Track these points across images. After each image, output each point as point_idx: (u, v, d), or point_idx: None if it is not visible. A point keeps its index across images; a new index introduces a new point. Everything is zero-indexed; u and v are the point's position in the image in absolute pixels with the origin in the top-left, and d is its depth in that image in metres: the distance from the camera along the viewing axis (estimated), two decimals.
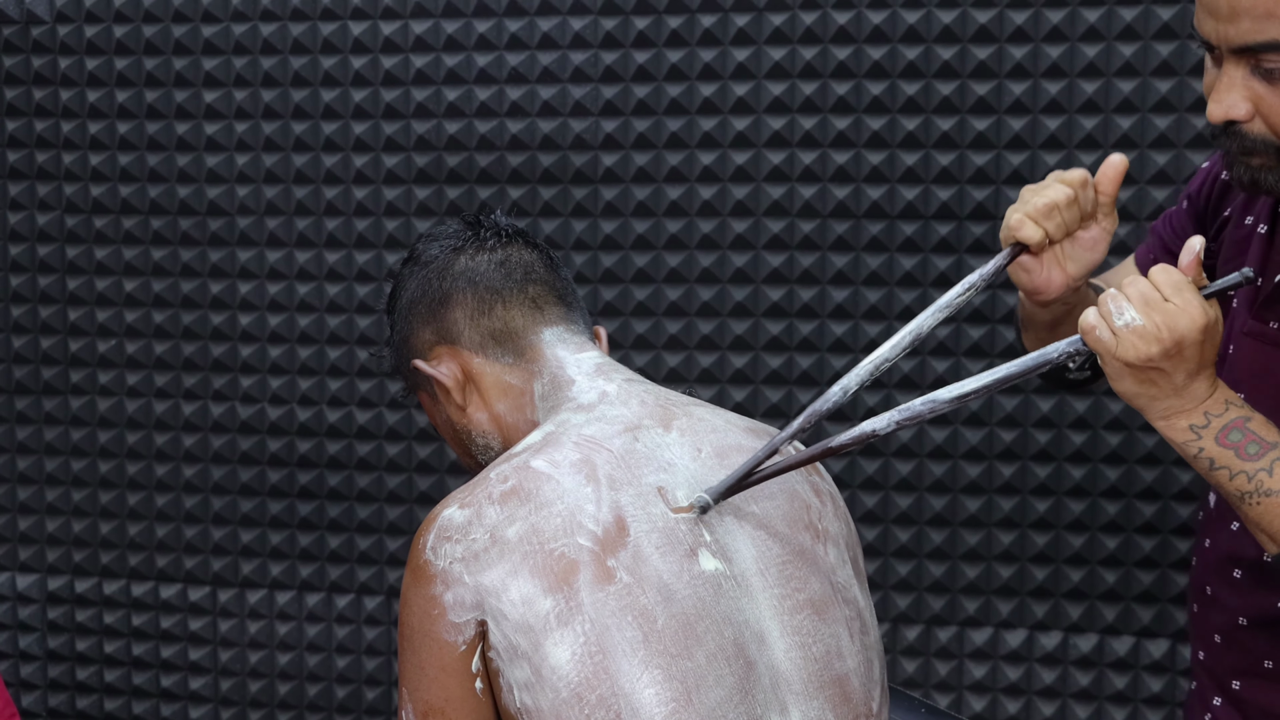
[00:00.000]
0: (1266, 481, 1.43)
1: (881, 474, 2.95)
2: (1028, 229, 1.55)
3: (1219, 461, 1.44)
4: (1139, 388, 1.43)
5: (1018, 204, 1.59)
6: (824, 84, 2.87)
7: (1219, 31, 1.47)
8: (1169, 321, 1.38)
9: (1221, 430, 1.44)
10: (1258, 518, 1.45)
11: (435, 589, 1.42)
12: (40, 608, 3.30)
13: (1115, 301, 1.40)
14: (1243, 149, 1.52)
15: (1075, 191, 1.56)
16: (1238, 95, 1.49)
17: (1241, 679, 1.74)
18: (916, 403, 1.46)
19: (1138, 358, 1.39)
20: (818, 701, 1.46)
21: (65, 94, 3.13)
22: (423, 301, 1.65)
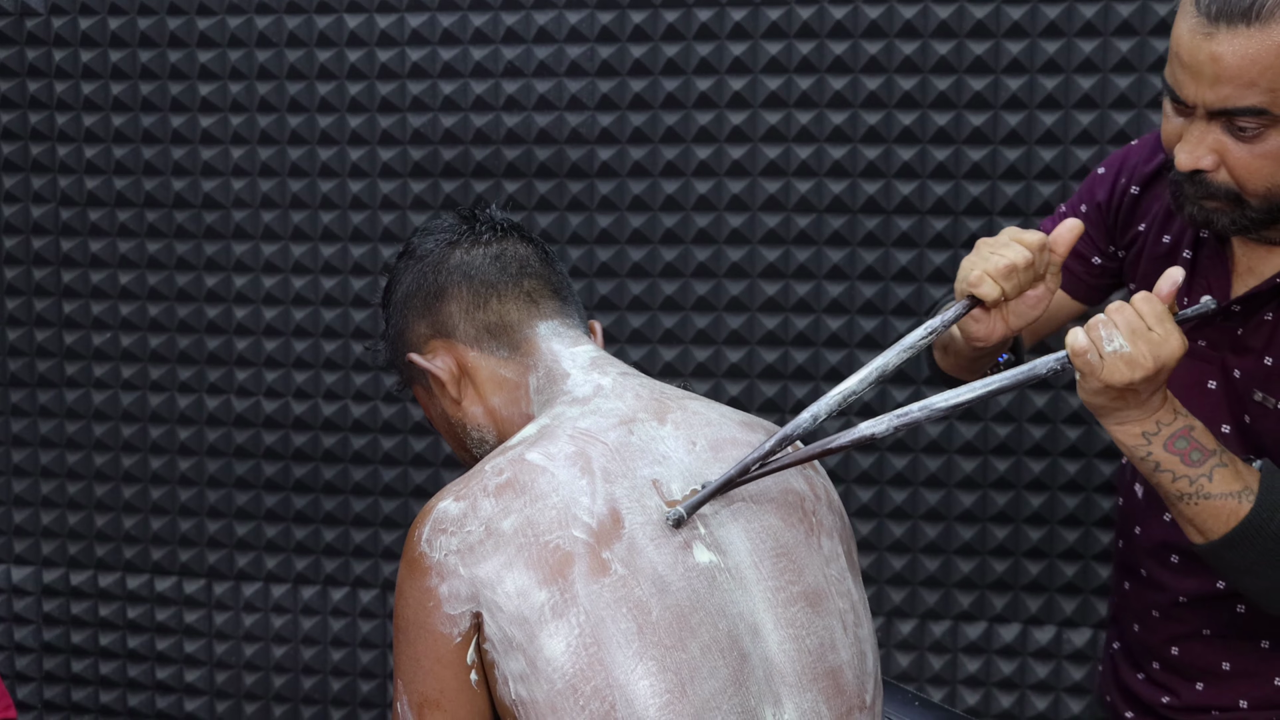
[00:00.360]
0: (1206, 486, 1.56)
1: (876, 468, 2.95)
2: (987, 286, 1.61)
3: (1164, 465, 1.57)
4: (1108, 402, 1.54)
5: (974, 257, 1.65)
6: (820, 78, 2.87)
7: (1199, 93, 1.56)
8: (1154, 350, 1.49)
9: (1170, 438, 1.56)
10: (1192, 516, 1.58)
11: (430, 581, 1.42)
12: (36, 600, 3.30)
13: (1105, 328, 1.50)
14: (1204, 194, 1.61)
15: (1033, 255, 1.62)
16: (1206, 148, 1.58)
17: (1180, 645, 1.87)
18: (914, 408, 1.51)
19: (1121, 381, 1.50)
20: (811, 693, 1.46)
21: (60, 86, 3.13)
22: (418, 295, 1.65)
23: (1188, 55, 1.56)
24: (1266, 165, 1.58)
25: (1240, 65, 1.53)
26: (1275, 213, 1.62)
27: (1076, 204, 1.95)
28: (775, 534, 1.50)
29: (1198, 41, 1.55)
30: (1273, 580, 1.60)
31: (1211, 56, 1.54)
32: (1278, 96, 1.53)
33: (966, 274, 1.63)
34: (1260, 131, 1.56)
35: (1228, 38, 1.53)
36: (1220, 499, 1.57)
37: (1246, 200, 1.61)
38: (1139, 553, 1.91)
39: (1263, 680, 1.82)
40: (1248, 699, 1.83)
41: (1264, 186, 1.60)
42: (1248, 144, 1.57)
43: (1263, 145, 1.57)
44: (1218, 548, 1.59)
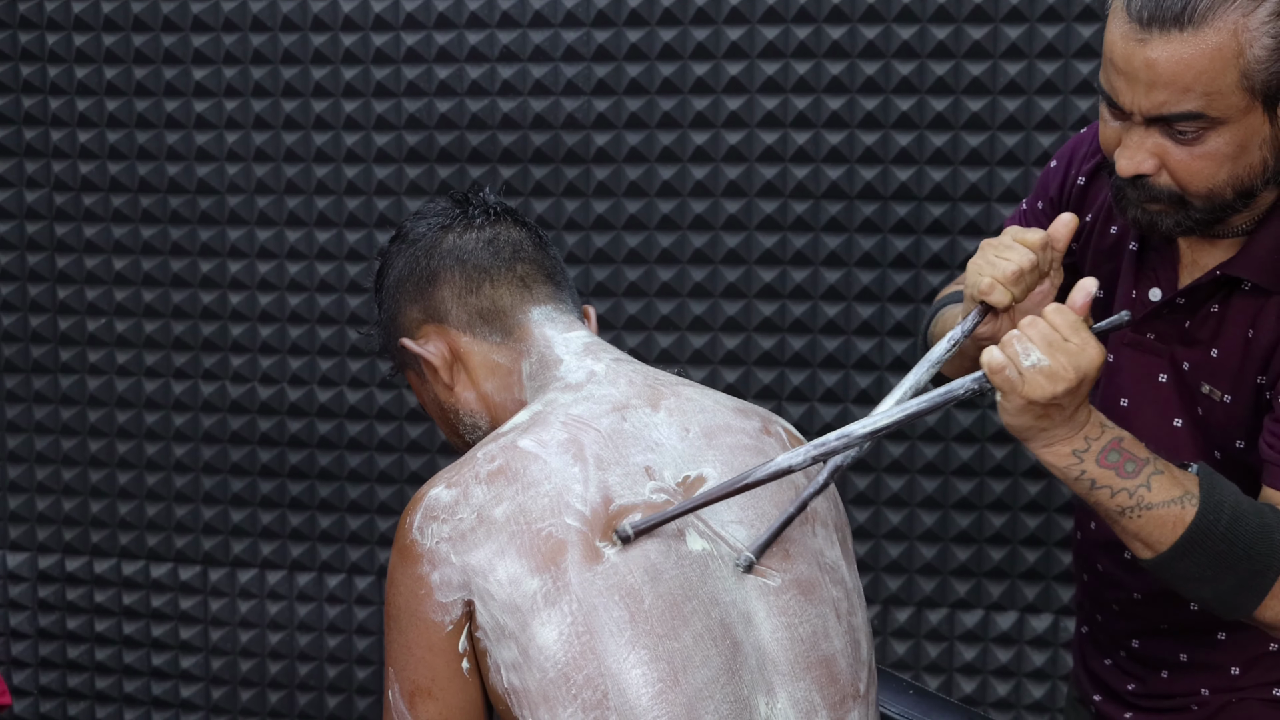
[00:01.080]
0: (1146, 496, 1.54)
1: (873, 456, 2.95)
2: (998, 294, 1.61)
3: (1100, 481, 1.55)
4: (1033, 421, 1.52)
5: (980, 261, 1.65)
6: (818, 63, 2.86)
7: (1135, 99, 1.55)
8: (1073, 361, 1.47)
9: (1101, 452, 1.54)
10: (1137, 530, 1.56)
11: (422, 569, 1.42)
12: (31, 586, 3.30)
13: (1020, 343, 1.49)
14: (1147, 198, 1.61)
15: (1037, 256, 1.63)
16: (1146, 153, 1.58)
17: (1139, 638, 1.88)
18: (831, 438, 1.49)
19: (1043, 396, 1.48)
20: (804, 682, 1.46)
21: (53, 70, 3.12)
22: (410, 280, 1.65)
23: (1122, 61, 1.55)
24: (1207, 166, 1.57)
25: (1175, 70, 1.52)
26: (1218, 212, 1.62)
27: (1034, 200, 1.96)
28: (769, 522, 1.49)
29: (1131, 48, 1.54)
30: (1226, 584, 1.57)
31: (1146, 62, 1.53)
32: (1213, 100, 1.53)
33: (976, 281, 1.63)
34: (1199, 134, 1.56)
35: (1161, 43, 1.52)
36: (1163, 507, 1.55)
37: (1189, 201, 1.60)
38: (1094, 548, 1.92)
39: (1221, 671, 1.83)
40: (1208, 687, 1.84)
41: (1206, 187, 1.59)
42: (1187, 146, 1.57)
43: (1202, 147, 1.56)
44: (1168, 559, 1.57)
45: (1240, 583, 1.57)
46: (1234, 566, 1.56)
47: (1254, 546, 1.55)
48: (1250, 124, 1.56)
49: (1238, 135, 1.56)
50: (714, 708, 1.39)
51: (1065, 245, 1.65)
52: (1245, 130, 1.56)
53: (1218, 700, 1.84)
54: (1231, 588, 1.57)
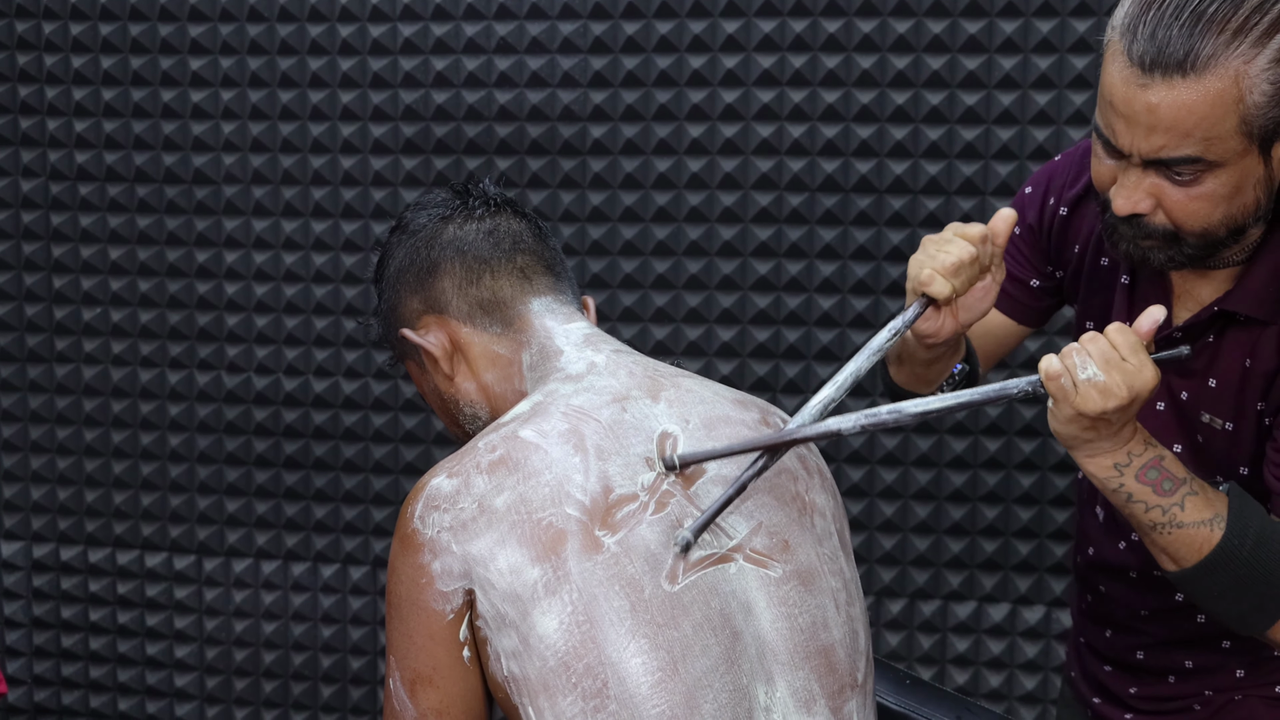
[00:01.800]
0: (1179, 515, 1.58)
1: (867, 448, 2.95)
2: (938, 285, 1.63)
3: (1137, 496, 1.58)
4: (1080, 432, 1.55)
5: (921, 256, 1.67)
6: (814, 57, 2.87)
7: (1134, 142, 1.56)
8: (1128, 380, 1.50)
9: (1141, 469, 1.57)
10: (1165, 545, 1.60)
11: (423, 558, 1.42)
12: (25, 575, 3.30)
13: (1079, 355, 1.51)
14: (1141, 235, 1.63)
15: (977, 249, 1.65)
16: (1143, 193, 1.60)
17: (1144, 650, 1.93)
18: (883, 410, 1.52)
19: (1095, 410, 1.50)
20: (803, 671, 1.46)
21: (49, 60, 3.12)
22: (410, 270, 1.65)
23: (1122, 104, 1.56)
24: (1203, 207, 1.59)
25: (1176, 116, 1.53)
26: (1210, 249, 1.64)
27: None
28: (768, 513, 1.50)
29: (1133, 91, 1.54)
30: (1244, 605, 1.61)
31: (1147, 107, 1.54)
32: (1211, 144, 1.54)
33: (916, 274, 1.65)
34: (1197, 176, 1.57)
35: (1164, 88, 1.53)
36: (1193, 527, 1.58)
37: (1183, 239, 1.62)
38: (1099, 571, 1.95)
39: (1225, 673, 1.86)
40: (1212, 689, 1.88)
41: (1201, 226, 1.61)
42: (1184, 188, 1.58)
43: (1199, 188, 1.58)
44: (1191, 575, 1.61)
45: (1257, 604, 1.61)
46: (1253, 588, 1.60)
47: (1275, 572, 1.59)
48: (1246, 166, 1.57)
49: (1234, 177, 1.57)
50: (713, 696, 1.40)
51: (1005, 240, 1.67)
52: (1241, 172, 1.57)
53: (1220, 700, 1.87)
54: (1248, 608, 1.62)
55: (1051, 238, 1.91)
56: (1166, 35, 1.51)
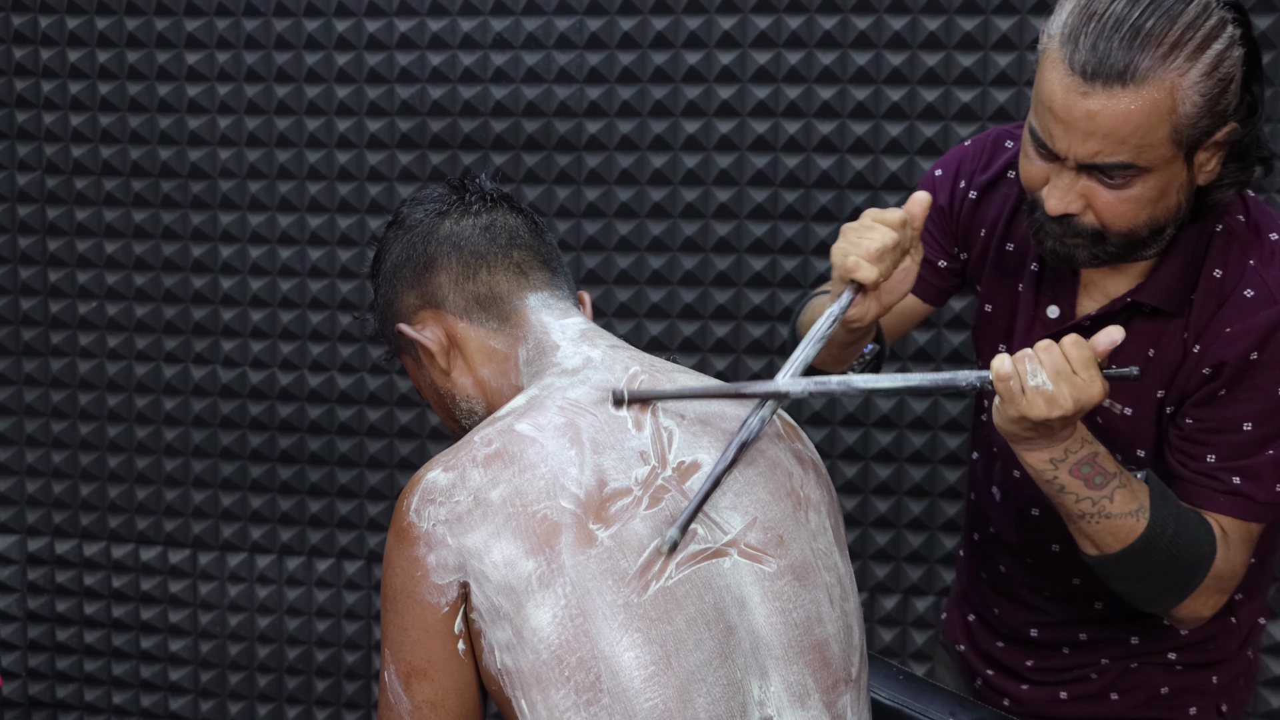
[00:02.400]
0: (1108, 507, 1.67)
1: (862, 444, 2.96)
2: (865, 270, 1.67)
3: (1069, 488, 1.67)
4: (1021, 432, 1.62)
5: (844, 244, 1.71)
6: (809, 53, 2.87)
7: (1071, 147, 1.63)
8: (1075, 394, 1.56)
9: (1076, 464, 1.65)
10: (1091, 533, 1.69)
11: (418, 551, 1.43)
12: (20, 569, 3.30)
13: (1031, 363, 1.57)
14: (1069, 234, 1.70)
15: (898, 234, 1.70)
16: (1075, 194, 1.67)
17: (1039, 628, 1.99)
18: (833, 379, 1.59)
19: (1039, 416, 1.57)
20: (797, 666, 1.47)
21: (45, 54, 3.12)
22: (407, 265, 1.65)
23: (1062, 111, 1.62)
24: (1130, 209, 1.66)
25: (1114, 124, 1.60)
26: (1131, 248, 1.72)
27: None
28: (763, 508, 1.50)
29: (1073, 99, 1.61)
30: (1158, 587, 1.72)
31: (1087, 114, 1.61)
32: (1143, 151, 1.61)
33: (842, 262, 1.69)
34: (1127, 180, 1.64)
35: (1103, 97, 1.60)
36: (1120, 518, 1.67)
37: (1108, 238, 1.70)
38: (996, 549, 2.02)
39: (1121, 642, 1.95)
40: (1108, 657, 1.95)
41: (1127, 227, 1.68)
42: (1114, 190, 1.65)
43: (1128, 192, 1.65)
44: (1112, 560, 1.71)
45: (1170, 586, 1.72)
46: (1168, 573, 1.71)
47: (1187, 558, 1.70)
48: (1172, 171, 1.65)
49: (1160, 182, 1.65)
50: (707, 690, 1.40)
51: (922, 222, 1.72)
52: (1168, 177, 1.65)
53: (1117, 668, 1.95)
54: (1161, 589, 1.73)
55: (959, 220, 1.96)
56: (1107, 47, 1.59)
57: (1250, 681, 2.01)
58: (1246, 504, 1.73)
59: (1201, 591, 1.73)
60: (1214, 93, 1.61)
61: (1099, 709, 1.97)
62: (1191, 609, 1.75)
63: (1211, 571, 1.72)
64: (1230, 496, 1.73)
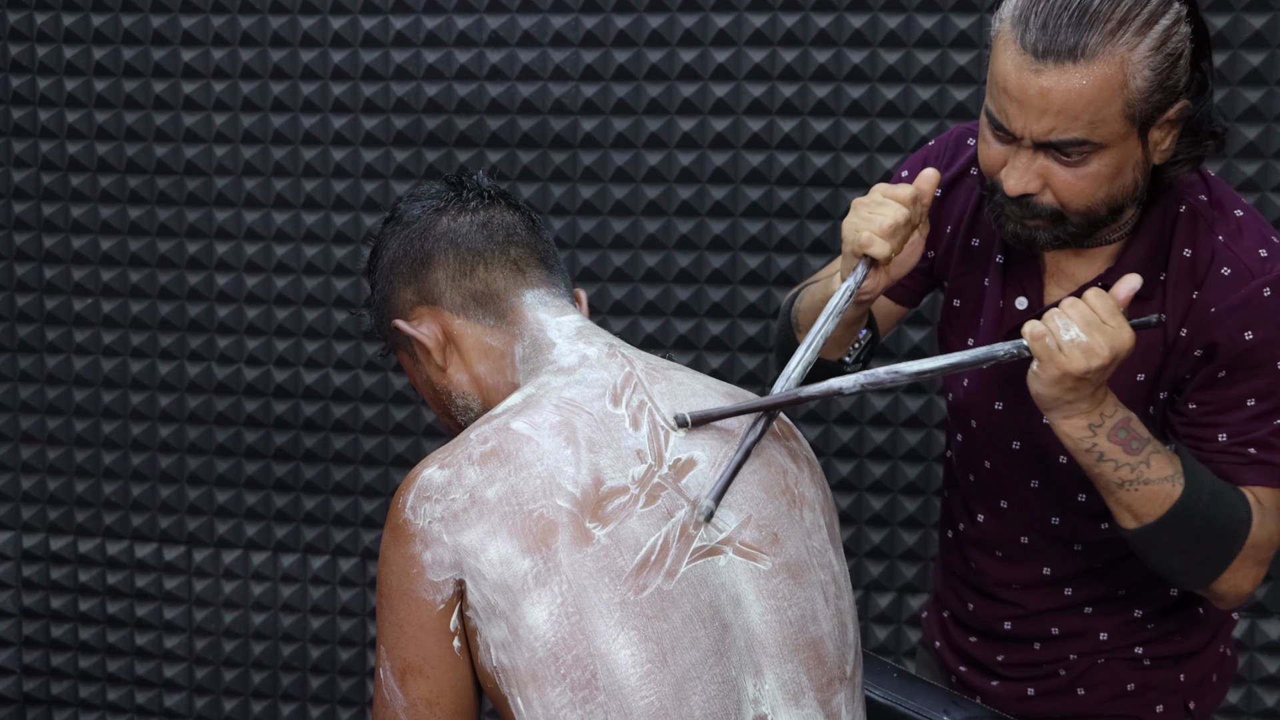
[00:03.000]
0: (1145, 472, 1.69)
1: (856, 442, 2.96)
2: (878, 246, 1.72)
3: (1108, 455, 1.69)
4: (1061, 393, 1.64)
5: (855, 219, 1.75)
6: (804, 51, 2.87)
7: (1026, 125, 1.66)
8: (1109, 340, 1.60)
9: (1113, 429, 1.68)
10: (1130, 502, 1.71)
11: (414, 548, 1.43)
12: (15, 565, 3.30)
13: (1061, 319, 1.61)
14: (1029, 215, 1.72)
15: (909, 209, 1.73)
16: (1033, 174, 1.69)
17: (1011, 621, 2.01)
18: (881, 371, 1.61)
19: (1078, 369, 1.60)
20: (792, 664, 1.47)
21: (41, 51, 3.11)
22: (404, 262, 1.65)
23: (1016, 90, 1.65)
24: (1088, 186, 1.69)
25: (1067, 100, 1.63)
26: (1091, 227, 1.74)
27: None
28: (758, 505, 1.51)
29: (1026, 77, 1.64)
30: (1198, 557, 1.73)
31: (1040, 92, 1.64)
32: (1097, 127, 1.64)
33: (855, 237, 1.73)
34: (1084, 157, 1.67)
35: (1055, 74, 1.63)
36: (1157, 484, 1.70)
37: (1067, 218, 1.72)
38: (968, 545, 2.04)
39: (1090, 637, 1.96)
40: (1077, 652, 1.98)
41: (1085, 205, 1.71)
42: (1071, 168, 1.68)
43: (1085, 169, 1.68)
44: (1152, 530, 1.72)
45: (1208, 555, 1.73)
46: (1205, 541, 1.72)
47: (1225, 524, 1.72)
48: (1127, 148, 1.68)
49: (1116, 158, 1.68)
50: (702, 688, 1.40)
51: (930, 198, 1.76)
52: (1122, 154, 1.68)
53: (1085, 663, 1.97)
54: (1200, 560, 1.74)
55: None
56: (1057, 25, 1.62)
57: (1223, 678, 2.03)
58: (1271, 470, 1.75)
59: (1240, 563, 1.74)
60: (1164, 67, 1.64)
61: (1065, 705, 1.99)
62: (1232, 582, 1.76)
63: (1249, 540, 1.73)
64: (1254, 467, 1.75)
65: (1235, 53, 2.74)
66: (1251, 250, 1.75)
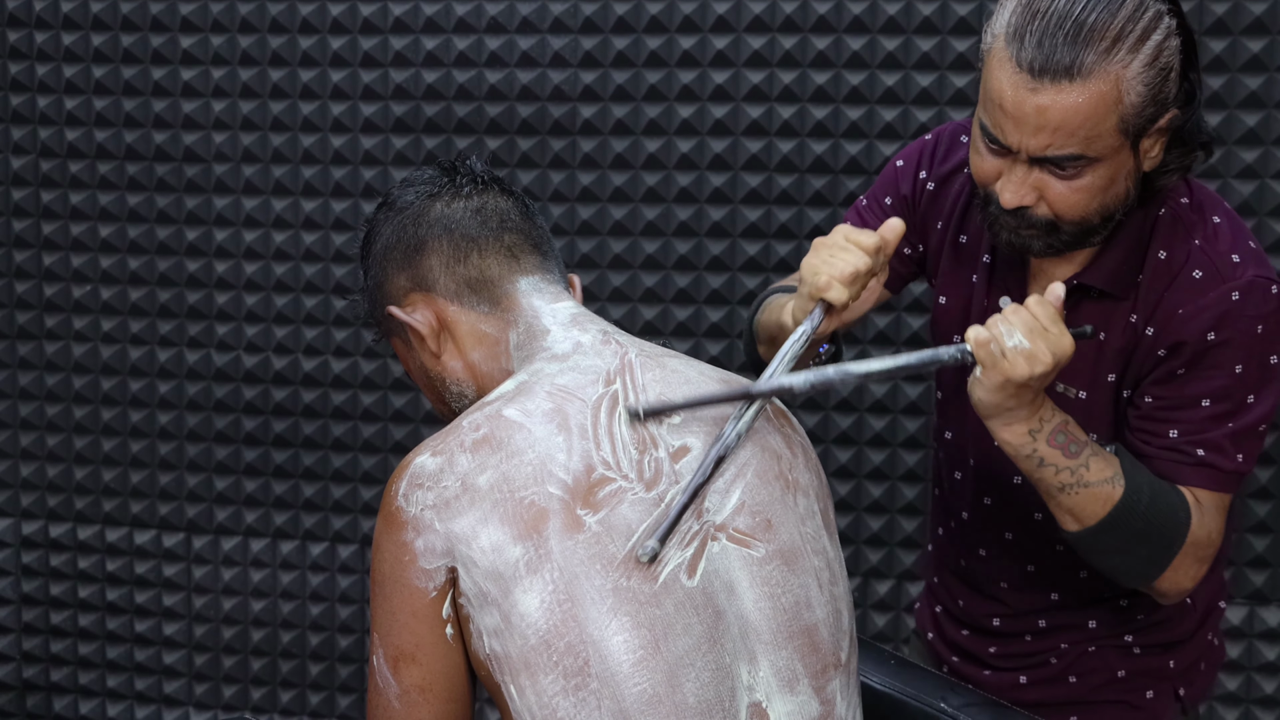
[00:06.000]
0: (1085, 475, 1.71)
1: (855, 429, 2.96)
2: (836, 291, 1.69)
3: (1048, 460, 1.71)
4: (1003, 399, 1.66)
5: (815, 260, 1.73)
6: (804, 38, 2.87)
7: (1023, 141, 1.67)
8: (1051, 347, 1.62)
9: (1051, 433, 1.70)
10: (1071, 505, 1.73)
11: (406, 535, 1.43)
12: (14, 552, 3.30)
13: (1005, 325, 1.63)
14: (1024, 225, 1.74)
15: (871, 259, 1.72)
16: (1029, 187, 1.71)
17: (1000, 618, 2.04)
18: (830, 370, 1.62)
19: (1021, 376, 1.62)
20: (786, 651, 1.47)
21: (40, 37, 3.11)
22: (398, 248, 1.65)
23: (1013, 106, 1.66)
24: (1083, 198, 1.71)
25: (1064, 117, 1.65)
26: (1084, 235, 1.76)
27: (880, 195, 2.04)
28: (751, 491, 1.50)
29: (1022, 95, 1.65)
30: (1137, 556, 1.76)
31: (1037, 109, 1.65)
32: (1092, 142, 1.66)
33: (813, 279, 1.71)
34: (1079, 170, 1.69)
35: (1052, 92, 1.64)
36: (1097, 486, 1.72)
37: (1061, 227, 1.74)
38: (957, 543, 2.06)
39: (1079, 627, 1.99)
40: (1068, 641, 2.00)
41: (1079, 216, 1.73)
42: (1066, 181, 1.70)
43: (1079, 182, 1.70)
44: (1093, 532, 1.74)
45: (1149, 555, 1.76)
46: (1147, 541, 1.74)
47: (1165, 525, 1.74)
48: (1120, 159, 1.70)
49: (1110, 170, 1.70)
50: (695, 675, 1.40)
51: (894, 249, 1.74)
52: (1116, 165, 1.70)
53: (1075, 651, 1.99)
54: (1141, 559, 1.76)
55: (919, 211, 1.99)
56: (1052, 44, 1.63)
57: (1212, 666, 2.05)
58: (1214, 474, 1.78)
59: (1181, 561, 1.77)
60: (1156, 82, 1.66)
61: (1057, 692, 2.01)
62: (1173, 580, 1.78)
63: (1189, 539, 1.76)
64: (1198, 468, 1.77)
65: (1233, 76, 2.74)
66: (1225, 255, 1.77)
